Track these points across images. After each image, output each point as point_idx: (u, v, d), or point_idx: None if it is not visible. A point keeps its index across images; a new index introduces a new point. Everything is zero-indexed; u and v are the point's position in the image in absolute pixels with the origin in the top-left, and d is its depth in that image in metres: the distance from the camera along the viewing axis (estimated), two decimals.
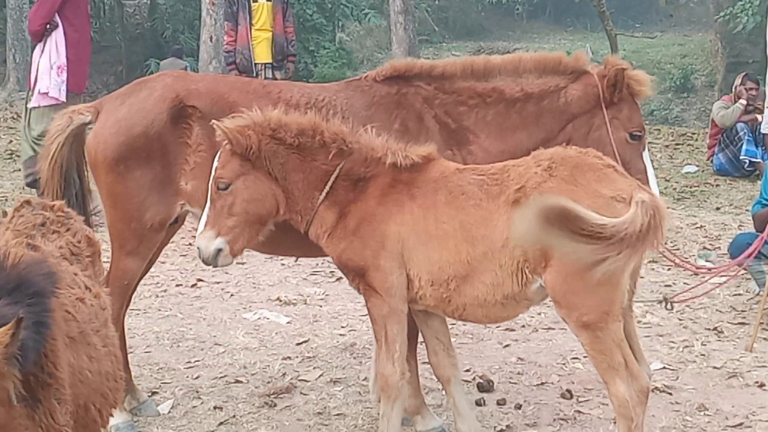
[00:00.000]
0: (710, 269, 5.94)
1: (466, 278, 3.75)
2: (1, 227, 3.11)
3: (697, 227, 8.83)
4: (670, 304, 4.44)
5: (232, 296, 6.84)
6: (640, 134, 4.49)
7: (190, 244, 7.52)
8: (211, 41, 14.40)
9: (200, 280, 7.16)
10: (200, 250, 3.94)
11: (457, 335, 5.68)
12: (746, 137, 11.05)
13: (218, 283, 7.12)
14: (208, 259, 3.93)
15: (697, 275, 6.30)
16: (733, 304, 6.49)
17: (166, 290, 6.95)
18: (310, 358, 5.57)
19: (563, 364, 5.42)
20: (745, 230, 7.50)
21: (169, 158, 4.33)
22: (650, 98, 5.04)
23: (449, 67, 4.49)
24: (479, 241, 3.72)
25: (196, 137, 4.31)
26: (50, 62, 8.52)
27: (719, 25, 19.07)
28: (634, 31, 27.27)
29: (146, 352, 5.66)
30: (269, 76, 10.74)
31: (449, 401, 4.30)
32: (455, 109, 4.44)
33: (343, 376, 5.28)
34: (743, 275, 6.78)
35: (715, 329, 5.98)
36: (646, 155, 4.53)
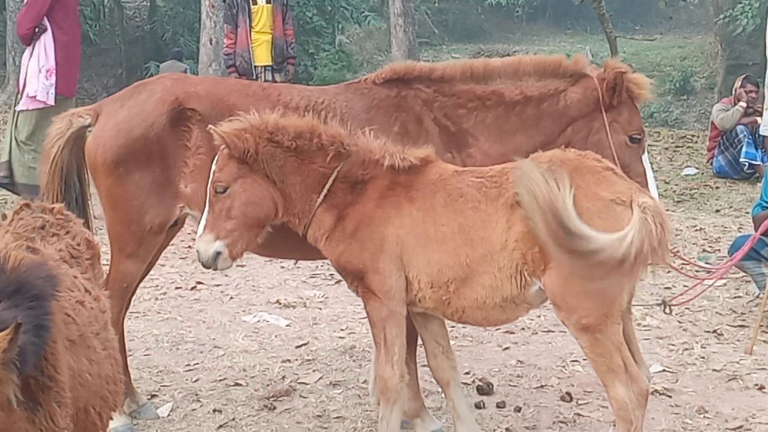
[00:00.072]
0: (709, 271, 5.93)
1: (465, 281, 3.75)
2: (0, 230, 3.11)
3: (696, 230, 8.83)
4: (668, 307, 4.43)
5: (231, 299, 6.84)
6: (639, 137, 4.49)
7: (189, 246, 7.51)
8: (210, 44, 14.40)
9: (200, 282, 7.16)
10: (199, 253, 3.94)
11: (456, 338, 5.68)
12: (746, 140, 11.04)
13: (218, 285, 7.12)
14: (207, 262, 3.93)
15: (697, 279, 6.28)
16: (732, 306, 6.49)
17: (165, 293, 6.95)
18: (309, 360, 5.57)
19: (563, 366, 5.42)
20: (745, 233, 7.50)
21: (168, 161, 4.33)
22: (650, 101, 5.03)
23: (449, 69, 4.49)
24: (478, 243, 3.71)
25: (195, 140, 4.30)
26: (39, 65, 8.45)
27: (719, 27, 19.09)
28: (633, 33, 27.27)
29: (146, 355, 5.66)
30: (269, 78, 10.73)
31: (448, 404, 4.30)
32: (455, 111, 4.44)
33: (342, 379, 5.28)
34: (743, 277, 6.78)
35: (714, 332, 5.97)
36: (645, 158, 4.53)
